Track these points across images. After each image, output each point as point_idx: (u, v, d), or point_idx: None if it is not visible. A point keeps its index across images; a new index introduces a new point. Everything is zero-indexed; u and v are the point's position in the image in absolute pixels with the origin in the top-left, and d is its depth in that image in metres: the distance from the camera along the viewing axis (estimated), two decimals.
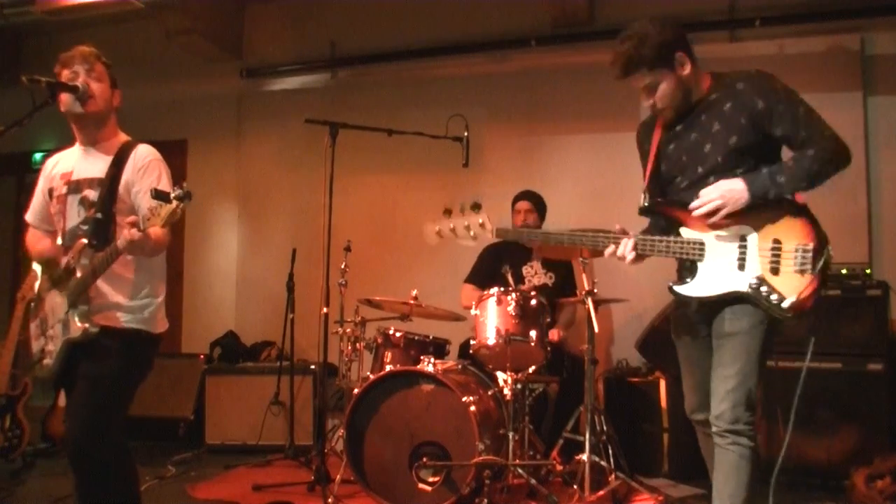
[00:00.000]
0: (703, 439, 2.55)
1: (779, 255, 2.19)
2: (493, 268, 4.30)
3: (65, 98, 2.40)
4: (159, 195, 2.08)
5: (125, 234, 2.18)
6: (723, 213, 2.20)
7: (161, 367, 5.23)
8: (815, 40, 4.59)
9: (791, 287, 2.16)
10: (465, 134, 3.84)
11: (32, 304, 2.60)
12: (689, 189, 2.32)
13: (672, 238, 2.32)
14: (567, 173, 4.97)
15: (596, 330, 3.41)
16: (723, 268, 2.26)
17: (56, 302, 2.44)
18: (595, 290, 3.45)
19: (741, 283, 2.23)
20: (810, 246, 2.16)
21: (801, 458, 3.66)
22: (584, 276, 3.45)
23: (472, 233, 2.47)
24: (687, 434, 3.86)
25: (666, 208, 2.37)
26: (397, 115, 4.80)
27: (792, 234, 2.19)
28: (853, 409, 3.66)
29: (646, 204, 2.38)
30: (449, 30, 5.35)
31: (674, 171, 2.39)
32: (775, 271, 2.19)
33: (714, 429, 2.28)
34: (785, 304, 2.16)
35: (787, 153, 2.29)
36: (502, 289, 3.61)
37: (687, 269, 2.35)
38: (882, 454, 3.46)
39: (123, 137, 2.56)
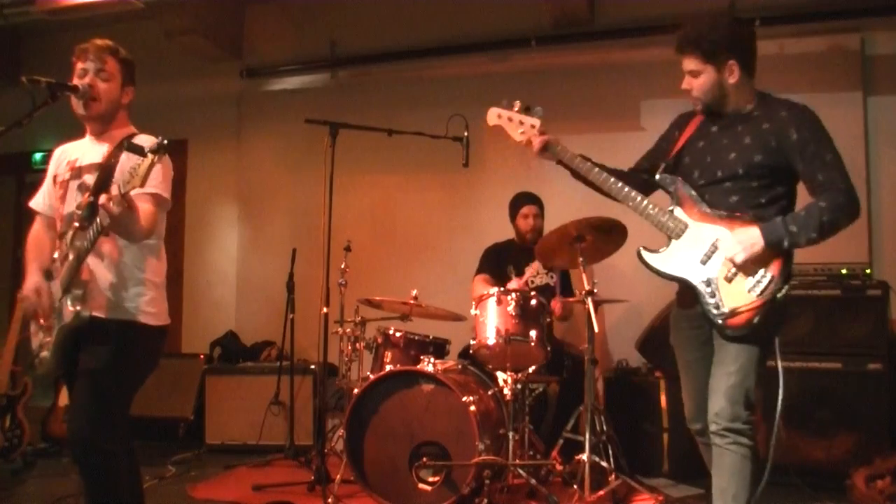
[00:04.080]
0: (704, 451, 2.57)
1: (740, 270, 2.29)
2: (495, 267, 4.30)
3: (72, 97, 2.40)
4: (132, 148, 2.03)
5: (102, 203, 2.08)
6: (740, 260, 2.26)
7: (161, 367, 5.16)
8: (815, 40, 4.59)
9: (734, 299, 2.28)
10: (465, 134, 3.84)
11: None
12: (704, 186, 2.42)
13: (660, 209, 2.43)
14: (566, 173, 4.95)
15: (596, 330, 3.40)
16: (689, 255, 2.37)
17: (52, 291, 2.40)
18: (595, 291, 3.45)
19: (696, 274, 2.35)
20: (769, 275, 2.26)
21: (801, 458, 3.66)
22: (584, 276, 3.45)
23: (521, 130, 2.62)
24: (687, 434, 3.87)
25: (676, 187, 2.44)
26: (397, 115, 4.80)
27: (762, 260, 2.27)
28: (853, 409, 3.66)
29: (658, 177, 2.48)
30: (449, 30, 5.35)
31: (695, 165, 2.47)
32: (729, 280, 2.30)
33: (713, 427, 2.31)
34: (717, 311, 2.29)
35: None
36: (502, 288, 3.61)
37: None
38: (882, 454, 3.46)
39: (132, 130, 2.54)
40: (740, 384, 2.28)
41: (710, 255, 2.34)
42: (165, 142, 2.04)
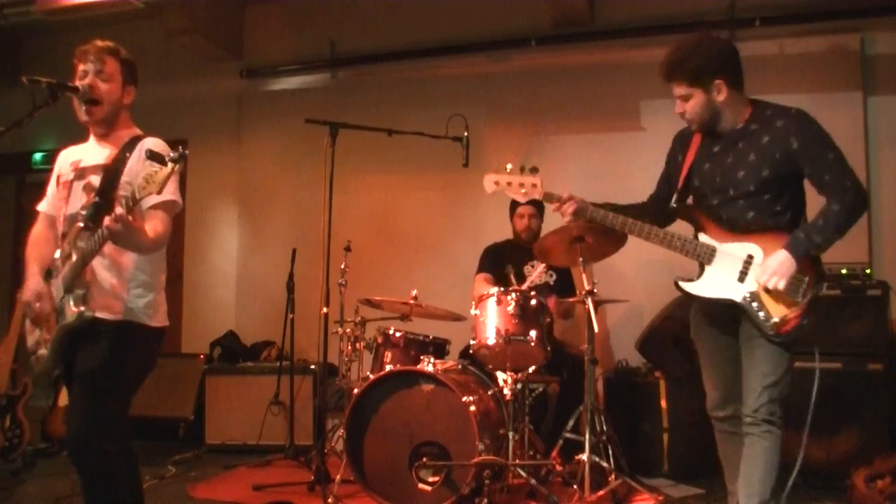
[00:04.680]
0: (721, 438, 2.63)
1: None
2: (494, 267, 4.30)
3: (73, 99, 2.41)
4: (153, 156, 2.05)
5: (105, 222, 2.12)
6: (782, 285, 2.33)
7: (161, 367, 5.20)
8: (815, 40, 4.59)
9: (779, 308, 2.37)
10: (465, 134, 3.84)
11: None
12: (719, 206, 2.51)
13: (686, 238, 2.51)
14: (567, 173, 4.96)
15: (596, 330, 3.40)
16: (725, 276, 2.45)
17: (53, 292, 2.41)
18: (595, 291, 3.45)
19: (737, 293, 2.42)
20: (806, 278, 2.36)
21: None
22: (584, 276, 3.45)
23: (523, 190, 2.71)
24: (687, 434, 3.89)
25: (695, 213, 2.54)
26: (397, 115, 4.80)
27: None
28: (853, 409, 3.66)
29: (674, 205, 2.59)
30: (449, 30, 5.35)
31: (706, 187, 2.55)
32: (769, 291, 2.37)
33: (748, 419, 2.41)
34: (769, 322, 2.37)
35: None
36: (502, 288, 3.60)
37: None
38: (882, 454, 3.45)
39: (136, 131, 2.55)
40: (778, 382, 2.38)
41: (746, 271, 2.42)
42: (186, 152, 2.06)
